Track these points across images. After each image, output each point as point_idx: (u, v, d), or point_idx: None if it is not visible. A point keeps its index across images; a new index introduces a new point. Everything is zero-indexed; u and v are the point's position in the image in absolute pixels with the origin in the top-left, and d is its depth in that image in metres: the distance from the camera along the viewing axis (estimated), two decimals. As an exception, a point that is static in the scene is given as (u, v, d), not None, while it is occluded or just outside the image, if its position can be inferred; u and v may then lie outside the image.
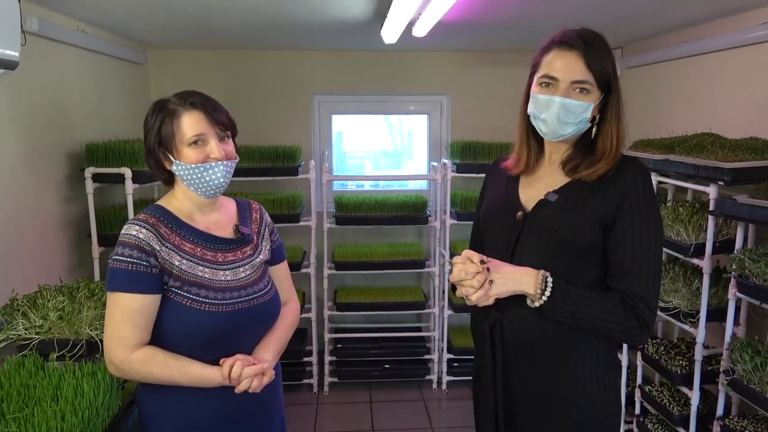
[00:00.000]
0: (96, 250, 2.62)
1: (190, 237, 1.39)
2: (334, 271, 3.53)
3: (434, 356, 3.66)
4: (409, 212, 3.51)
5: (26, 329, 1.74)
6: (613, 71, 1.28)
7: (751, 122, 2.36)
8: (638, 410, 2.66)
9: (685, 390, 2.30)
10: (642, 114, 3.13)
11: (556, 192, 1.32)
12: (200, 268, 1.37)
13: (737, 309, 2.11)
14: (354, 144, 4.18)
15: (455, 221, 3.46)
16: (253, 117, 3.68)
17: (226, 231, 1.46)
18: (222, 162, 1.36)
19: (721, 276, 2.19)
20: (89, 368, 1.53)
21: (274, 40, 3.32)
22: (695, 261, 2.19)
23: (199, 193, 1.39)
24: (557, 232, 1.28)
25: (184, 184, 1.39)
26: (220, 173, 1.36)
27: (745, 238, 2.10)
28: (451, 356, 3.59)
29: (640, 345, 2.49)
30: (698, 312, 2.18)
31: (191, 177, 1.36)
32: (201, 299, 1.34)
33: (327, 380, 3.57)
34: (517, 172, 1.41)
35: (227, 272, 1.40)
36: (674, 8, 2.37)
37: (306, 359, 3.57)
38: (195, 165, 1.34)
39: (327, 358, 3.57)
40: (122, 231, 1.33)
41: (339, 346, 3.68)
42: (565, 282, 1.24)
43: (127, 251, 1.30)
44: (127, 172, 2.53)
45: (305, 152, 3.67)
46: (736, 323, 2.14)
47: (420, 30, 2.57)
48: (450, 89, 3.85)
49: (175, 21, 2.69)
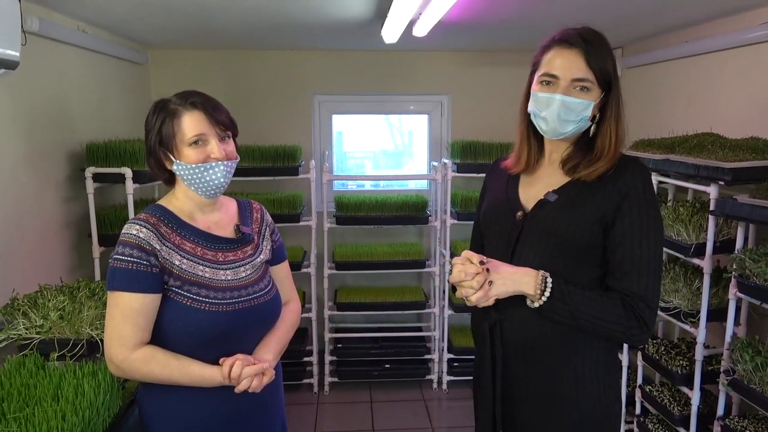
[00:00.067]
0: (96, 250, 2.62)
1: (191, 236, 1.39)
2: (335, 271, 3.53)
3: (434, 356, 3.66)
4: (410, 212, 3.51)
5: (27, 329, 1.74)
6: (614, 70, 1.28)
7: (752, 122, 2.36)
8: (639, 410, 2.66)
9: (686, 390, 2.30)
10: (642, 114, 3.13)
11: (556, 192, 1.32)
12: (200, 268, 1.37)
13: (738, 309, 2.11)
14: (354, 144, 4.18)
15: (455, 221, 3.46)
16: (254, 117, 3.68)
17: (227, 231, 1.46)
18: (222, 162, 1.36)
19: (722, 276, 2.19)
20: (90, 368, 1.53)
21: (275, 40, 3.32)
22: (696, 261, 2.19)
23: (200, 193, 1.39)
24: (557, 232, 1.28)
25: (185, 184, 1.39)
26: (221, 173, 1.36)
27: (746, 238, 2.10)
28: (452, 356, 3.59)
29: (641, 345, 2.48)
30: (699, 312, 2.18)
31: (192, 177, 1.36)
32: (201, 299, 1.34)
33: (327, 380, 3.58)
34: (517, 171, 1.41)
35: (228, 272, 1.40)
36: (674, 8, 2.37)
37: (306, 359, 3.57)
38: (195, 165, 1.34)
39: (327, 358, 3.57)
40: (123, 230, 1.33)
41: (339, 346, 3.68)
42: (565, 282, 1.24)
43: (128, 250, 1.30)
44: (128, 172, 2.54)
45: (305, 152, 3.67)
46: (737, 323, 2.14)
47: (420, 30, 2.57)
48: (450, 89, 3.85)
49: (176, 21, 2.69)
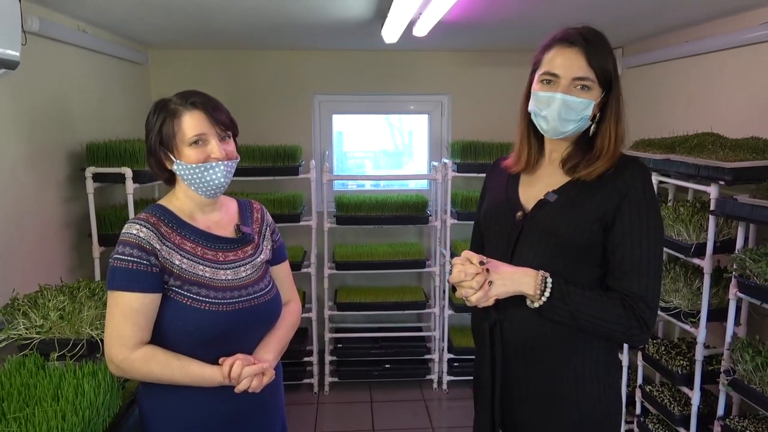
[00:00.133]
0: (96, 250, 2.62)
1: (191, 236, 1.39)
2: (335, 271, 3.53)
3: (435, 356, 3.66)
4: (410, 212, 3.51)
5: (27, 329, 1.74)
6: (614, 69, 1.27)
7: (752, 122, 2.36)
8: (639, 410, 2.66)
9: (686, 390, 2.30)
10: (642, 114, 3.13)
11: (556, 192, 1.32)
12: (201, 267, 1.37)
13: (738, 309, 2.11)
14: (354, 144, 4.18)
15: (456, 221, 3.46)
16: (254, 117, 3.68)
17: (227, 230, 1.46)
18: (223, 162, 1.36)
19: (722, 276, 2.19)
20: (90, 368, 1.53)
21: (275, 40, 3.32)
22: (696, 261, 2.18)
23: (200, 193, 1.39)
24: (556, 232, 1.28)
25: (185, 184, 1.39)
26: (221, 173, 1.37)
27: (746, 238, 2.10)
28: (452, 356, 3.59)
29: (641, 345, 2.48)
30: (699, 312, 2.18)
31: (192, 177, 1.36)
32: (201, 298, 1.34)
33: (327, 380, 3.57)
34: (517, 171, 1.41)
35: (228, 272, 1.40)
36: (674, 8, 2.37)
37: (306, 359, 3.56)
38: (196, 165, 1.34)
39: (327, 358, 3.57)
40: (123, 230, 1.33)
41: (339, 346, 3.68)
42: (565, 282, 1.24)
43: (128, 250, 1.30)
44: (128, 172, 2.53)
45: (306, 152, 3.67)
46: (737, 323, 2.14)
47: (420, 30, 2.57)
48: (450, 89, 3.85)
49: (176, 21, 2.69)
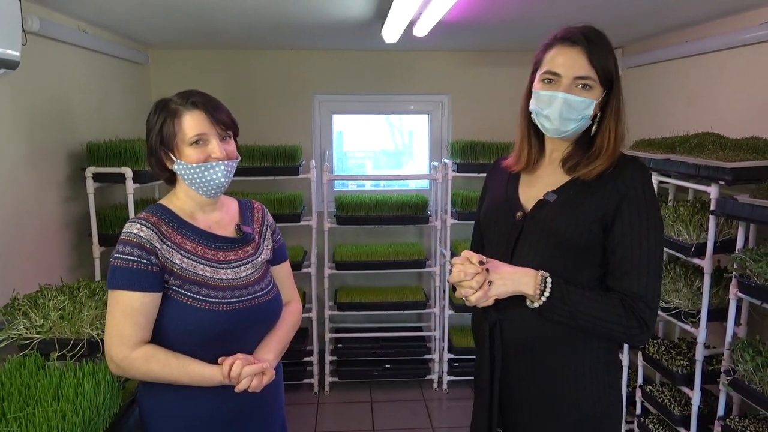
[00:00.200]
0: (97, 250, 2.62)
1: (191, 236, 1.39)
2: (335, 271, 3.53)
3: (435, 356, 3.66)
4: (410, 212, 3.51)
5: (27, 329, 1.74)
6: (615, 68, 1.27)
7: (752, 122, 2.36)
8: (639, 410, 2.66)
9: (686, 390, 2.30)
10: (643, 114, 3.13)
11: (555, 192, 1.32)
12: (201, 267, 1.37)
13: (738, 309, 2.11)
14: (355, 144, 4.18)
15: (456, 221, 3.46)
16: (254, 117, 3.68)
17: (228, 230, 1.46)
18: (223, 162, 1.36)
19: (722, 276, 2.19)
20: (90, 368, 1.53)
21: (275, 40, 3.32)
22: (696, 261, 2.18)
23: (201, 193, 1.39)
24: (556, 232, 1.28)
25: (186, 184, 1.39)
26: (221, 173, 1.37)
27: (746, 238, 2.10)
28: (452, 356, 3.59)
29: (641, 345, 2.48)
30: (699, 312, 2.18)
31: (192, 176, 1.36)
32: (201, 298, 1.34)
33: (327, 380, 3.57)
34: (518, 170, 1.41)
35: (228, 271, 1.40)
36: (674, 8, 2.37)
37: (306, 359, 3.56)
38: (196, 164, 1.34)
39: (327, 358, 3.57)
40: (124, 229, 1.34)
41: (339, 346, 3.68)
42: (565, 282, 1.24)
43: (128, 249, 1.30)
44: (128, 172, 2.53)
45: (306, 152, 3.67)
46: (737, 323, 2.14)
47: (420, 30, 2.57)
48: (450, 89, 3.85)
49: (176, 21, 2.69)
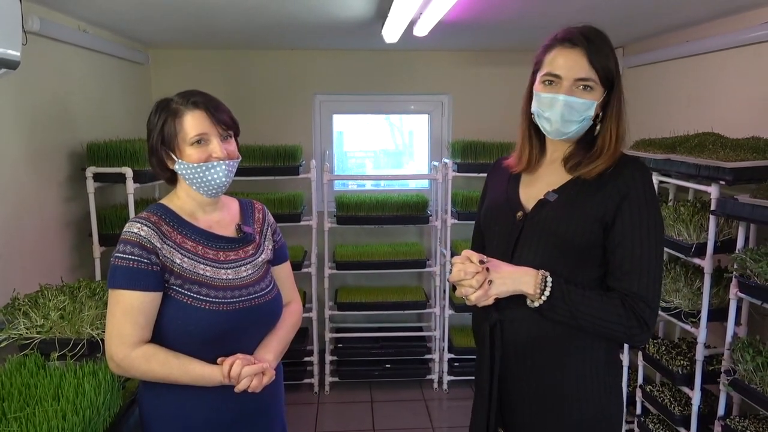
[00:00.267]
0: (97, 250, 2.62)
1: (192, 235, 1.39)
2: (335, 271, 3.53)
3: (435, 356, 3.66)
4: (410, 212, 3.51)
5: (27, 329, 1.74)
6: (616, 68, 1.27)
7: (753, 122, 2.35)
8: (639, 410, 2.66)
9: (686, 390, 2.30)
10: (643, 114, 3.13)
11: (556, 191, 1.32)
12: (201, 267, 1.37)
13: (738, 309, 2.11)
14: (355, 143, 4.18)
15: (456, 221, 3.46)
16: (254, 117, 3.68)
17: (229, 230, 1.46)
18: (224, 161, 1.36)
19: (723, 276, 2.19)
20: (90, 368, 1.53)
21: (275, 40, 3.32)
22: (696, 261, 2.18)
23: (201, 192, 1.39)
24: (556, 232, 1.28)
25: (187, 183, 1.39)
26: (222, 173, 1.37)
27: (747, 238, 2.10)
28: (452, 356, 3.59)
29: (641, 345, 2.48)
30: (699, 312, 2.18)
31: (193, 176, 1.36)
32: (202, 297, 1.34)
33: (328, 380, 3.57)
34: (519, 170, 1.41)
35: (228, 271, 1.40)
36: (674, 8, 2.37)
37: (307, 359, 3.56)
38: (197, 164, 1.35)
39: (328, 358, 3.57)
40: (124, 228, 1.34)
41: (340, 346, 3.68)
42: (565, 282, 1.24)
43: (129, 248, 1.30)
44: (128, 172, 2.53)
45: (306, 152, 3.67)
46: (738, 323, 2.14)
47: (421, 30, 2.57)
48: (451, 89, 3.85)
49: (176, 21, 2.69)
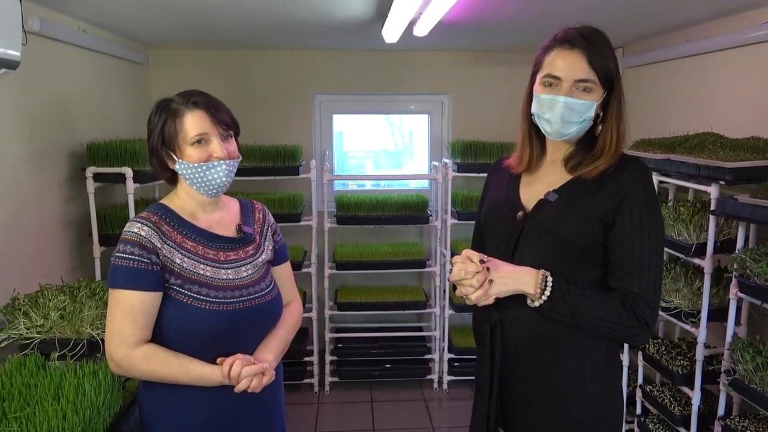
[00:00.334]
0: (97, 250, 2.62)
1: (192, 235, 1.39)
2: (335, 271, 3.53)
3: (435, 356, 3.66)
4: (410, 212, 3.51)
5: (27, 328, 1.74)
6: (616, 68, 1.27)
7: (753, 122, 2.35)
8: (639, 410, 2.66)
9: (686, 390, 2.30)
10: (643, 114, 3.13)
11: (556, 191, 1.32)
12: (202, 267, 1.37)
13: (738, 309, 2.11)
14: (355, 143, 4.18)
15: (456, 221, 3.46)
16: (254, 117, 3.68)
17: (229, 230, 1.46)
18: (224, 161, 1.36)
19: (723, 276, 2.19)
20: (90, 367, 1.53)
21: (275, 40, 3.32)
22: (696, 261, 2.18)
23: (202, 192, 1.39)
24: (557, 232, 1.28)
25: (187, 183, 1.39)
26: (223, 172, 1.37)
27: (747, 238, 2.10)
28: (452, 356, 3.59)
29: (641, 345, 2.48)
30: (699, 312, 2.18)
31: (194, 176, 1.36)
32: (202, 297, 1.34)
33: (328, 380, 3.58)
34: (520, 171, 1.41)
35: (229, 271, 1.40)
36: (675, 8, 2.37)
37: (307, 359, 3.56)
38: (198, 164, 1.35)
39: (328, 358, 3.57)
40: (125, 228, 1.34)
41: (340, 346, 3.68)
42: (566, 281, 1.24)
43: (129, 248, 1.30)
44: (128, 172, 2.53)
45: (306, 152, 3.67)
46: (738, 323, 2.14)
47: (421, 30, 2.57)
48: (451, 89, 3.85)
49: (176, 21, 2.69)
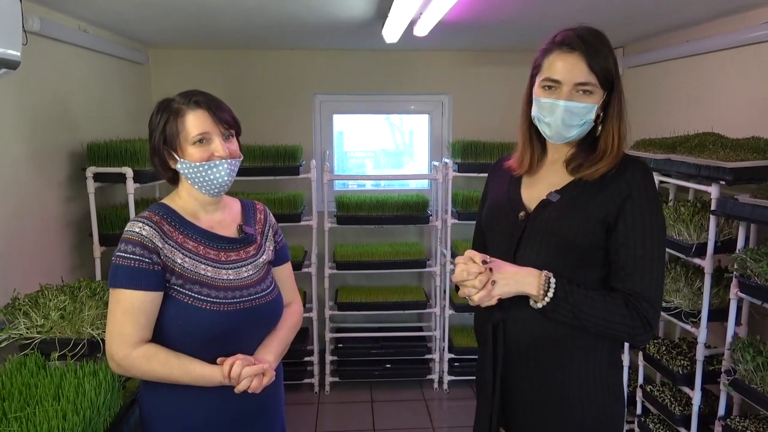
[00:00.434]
0: (97, 250, 2.62)
1: (194, 235, 1.39)
2: (335, 271, 3.53)
3: (435, 356, 3.66)
4: (410, 212, 3.51)
5: (28, 328, 1.74)
6: (615, 68, 1.27)
7: (753, 122, 2.36)
8: (639, 410, 2.66)
9: (687, 390, 2.30)
10: (643, 114, 3.13)
11: (558, 192, 1.32)
12: (203, 267, 1.37)
13: (739, 309, 2.11)
14: (355, 143, 4.18)
15: (456, 221, 3.46)
16: (255, 117, 3.68)
17: (230, 230, 1.46)
18: (226, 160, 1.36)
19: (723, 276, 2.20)
20: (90, 367, 1.54)
21: (276, 40, 3.32)
22: (697, 261, 2.19)
23: (204, 192, 1.39)
24: (559, 233, 1.28)
25: (189, 183, 1.39)
26: (224, 172, 1.37)
27: (747, 238, 2.10)
28: (453, 356, 3.59)
29: (644, 344, 2.49)
30: (700, 312, 2.18)
31: (196, 175, 1.36)
32: (203, 297, 1.34)
33: (328, 380, 3.57)
34: (520, 173, 1.41)
35: (230, 271, 1.40)
36: (675, 8, 2.37)
37: (307, 359, 3.56)
38: (199, 163, 1.35)
39: (328, 358, 3.57)
40: (126, 228, 1.34)
41: (340, 346, 3.68)
42: (568, 282, 1.24)
43: (130, 248, 1.30)
44: (129, 172, 2.53)
45: (306, 152, 3.67)
46: (738, 323, 2.14)
47: (421, 30, 2.57)
48: (451, 89, 3.85)
49: (176, 21, 2.69)
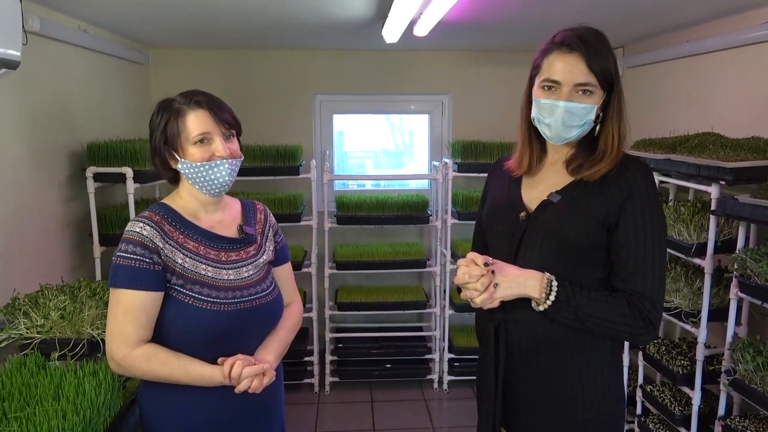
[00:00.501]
0: (97, 250, 2.62)
1: (194, 235, 1.39)
2: (335, 271, 3.53)
3: (435, 356, 3.66)
4: (410, 212, 3.51)
5: (28, 328, 1.74)
6: (615, 68, 1.27)
7: (753, 122, 2.36)
8: (639, 410, 2.66)
9: (687, 390, 2.30)
10: (643, 114, 3.13)
11: (559, 192, 1.32)
12: (203, 267, 1.37)
13: (739, 309, 2.11)
14: (355, 143, 4.18)
15: (456, 221, 3.46)
16: (255, 117, 3.67)
17: (230, 230, 1.46)
18: (227, 160, 1.36)
19: (723, 276, 2.20)
20: (90, 367, 1.53)
21: (276, 40, 3.32)
22: (697, 261, 2.19)
23: (204, 192, 1.39)
24: (560, 233, 1.28)
25: (189, 183, 1.39)
26: (225, 171, 1.37)
27: (747, 238, 2.10)
28: (453, 356, 3.59)
29: (646, 344, 2.49)
30: (700, 312, 2.18)
31: (196, 175, 1.36)
32: (203, 298, 1.34)
33: (328, 380, 3.57)
34: (520, 174, 1.41)
35: (230, 272, 1.40)
36: (675, 8, 2.37)
37: (307, 359, 3.56)
38: (200, 163, 1.35)
39: (328, 358, 3.57)
40: (126, 227, 1.34)
41: (340, 346, 3.68)
42: (570, 284, 1.24)
43: (131, 248, 1.30)
44: (129, 172, 2.53)
45: (306, 152, 3.67)
46: (738, 323, 2.14)
47: (421, 30, 2.57)
48: (451, 89, 3.85)
49: (177, 21, 2.69)
